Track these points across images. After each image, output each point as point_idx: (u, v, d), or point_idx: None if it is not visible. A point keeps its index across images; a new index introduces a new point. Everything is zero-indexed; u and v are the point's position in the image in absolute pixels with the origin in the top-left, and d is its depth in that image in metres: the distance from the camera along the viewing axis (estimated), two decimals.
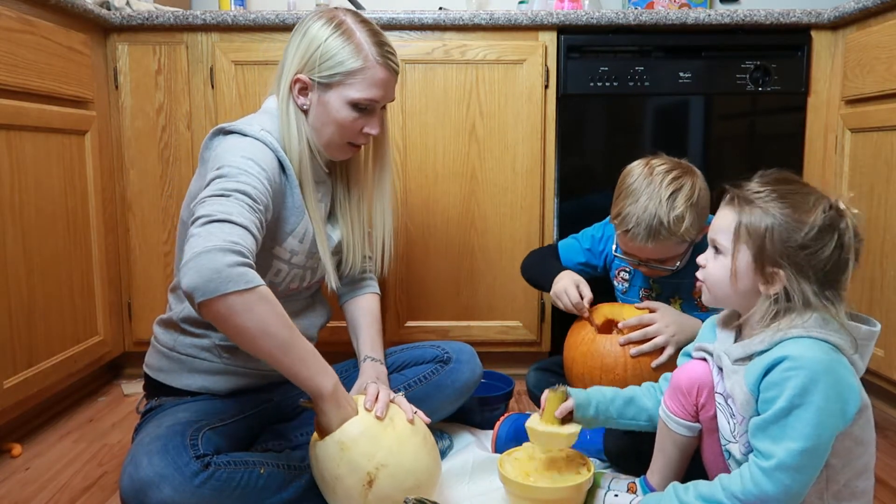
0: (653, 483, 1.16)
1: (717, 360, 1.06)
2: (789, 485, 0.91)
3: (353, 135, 1.26)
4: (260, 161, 1.14)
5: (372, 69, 1.21)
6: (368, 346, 1.37)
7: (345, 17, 1.23)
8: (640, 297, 1.50)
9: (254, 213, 1.07)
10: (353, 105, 1.22)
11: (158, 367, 1.31)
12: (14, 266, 1.47)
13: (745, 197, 1.00)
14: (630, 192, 1.34)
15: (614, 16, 1.83)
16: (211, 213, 1.02)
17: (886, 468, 1.40)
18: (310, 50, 1.21)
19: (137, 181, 1.89)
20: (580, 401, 1.17)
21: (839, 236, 0.94)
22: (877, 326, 0.98)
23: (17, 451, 1.48)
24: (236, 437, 1.22)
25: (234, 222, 1.02)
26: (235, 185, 1.07)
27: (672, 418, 1.11)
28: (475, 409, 1.57)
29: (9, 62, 1.43)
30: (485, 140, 1.88)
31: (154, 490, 1.02)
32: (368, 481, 1.07)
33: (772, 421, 0.92)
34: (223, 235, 0.99)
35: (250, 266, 1.00)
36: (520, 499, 1.16)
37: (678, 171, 1.34)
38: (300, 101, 1.24)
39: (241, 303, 0.97)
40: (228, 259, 0.97)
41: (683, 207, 1.30)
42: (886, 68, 1.59)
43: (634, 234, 1.32)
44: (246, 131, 1.18)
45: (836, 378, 0.91)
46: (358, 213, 1.38)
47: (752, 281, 1.00)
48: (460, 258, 1.92)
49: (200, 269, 0.95)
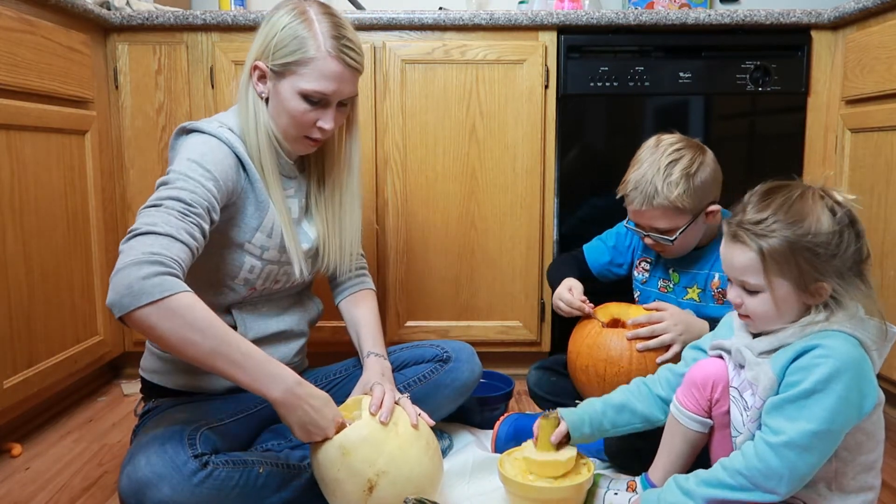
0: (654, 480, 1.15)
1: (737, 354, 1.06)
2: (795, 462, 0.92)
3: (306, 128, 1.23)
4: (207, 162, 1.13)
5: (323, 60, 1.18)
6: (370, 341, 1.36)
7: (310, 7, 1.21)
8: (658, 288, 1.52)
9: (185, 218, 1.06)
10: (304, 96, 1.20)
11: (153, 368, 1.31)
12: (14, 266, 1.47)
13: (752, 231, 0.98)
14: (636, 161, 1.42)
15: (614, 16, 1.83)
16: (137, 226, 1.03)
17: (886, 468, 1.40)
18: (268, 37, 1.20)
19: (137, 181, 1.89)
20: (573, 422, 1.18)
21: (853, 228, 0.97)
22: (895, 329, 0.99)
23: (17, 451, 1.48)
24: (235, 437, 1.22)
25: (156, 233, 1.02)
26: (169, 193, 1.08)
27: (685, 413, 1.11)
28: (475, 409, 1.57)
29: (9, 62, 1.43)
30: (485, 140, 1.88)
31: (153, 490, 1.02)
32: (369, 487, 1.06)
33: (791, 400, 0.93)
34: (142, 248, 0.99)
35: (170, 274, 0.99)
36: (520, 499, 1.16)
37: (682, 144, 1.39)
38: (259, 89, 1.23)
39: (155, 313, 0.96)
40: (143, 271, 0.97)
41: (678, 175, 1.35)
42: (886, 68, 1.59)
43: (632, 197, 1.39)
44: (203, 128, 1.19)
45: (860, 372, 0.93)
46: (332, 208, 1.36)
47: (796, 301, 0.99)
48: (460, 258, 1.92)
49: (116, 286, 0.97)
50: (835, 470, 0.97)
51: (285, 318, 1.34)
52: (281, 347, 1.34)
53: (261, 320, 1.30)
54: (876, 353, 0.97)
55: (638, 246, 1.58)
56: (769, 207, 0.98)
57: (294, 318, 1.36)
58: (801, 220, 0.96)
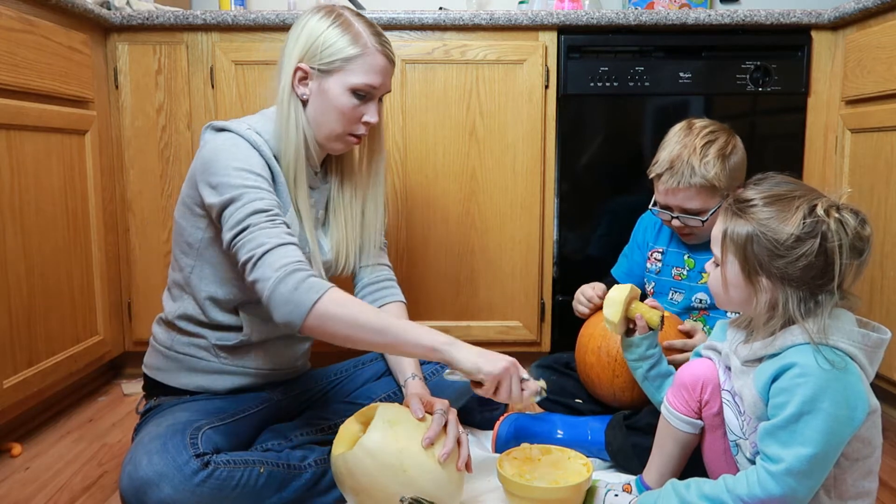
0: (649, 482, 1.16)
1: (726, 359, 1.06)
2: (796, 488, 0.91)
3: (352, 123, 1.27)
4: (253, 165, 1.17)
5: (371, 55, 1.24)
6: (413, 363, 1.34)
7: (343, 11, 1.27)
8: (672, 276, 1.53)
9: (275, 224, 1.12)
10: (353, 91, 1.24)
11: (157, 366, 1.31)
12: (14, 266, 1.47)
13: (734, 207, 1.01)
14: (666, 144, 1.45)
15: (614, 16, 1.83)
16: (250, 254, 1.10)
17: (886, 468, 1.40)
18: (310, 40, 1.23)
19: (137, 181, 1.89)
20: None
21: (821, 242, 0.93)
22: (887, 334, 0.98)
23: (17, 451, 1.48)
24: (236, 437, 1.22)
25: (270, 248, 1.09)
26: (245, 210, 1.12)
27: (675, 415, 1.11)
28: (475, 409, 1.57)
29: (9, 62, 1.43)
30: (485, 140, 1.88)
31: (154, 489, 1.02)
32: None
33: (781, 426, 0.93)
34: (272, 266, 1.08)
35: (311, 276, 1.08)
36: (519, 499, 1.16)
37: (715, 127, 1.44)
38: (300, 91, 1.25)
39: (318, 315, 1.06)
40: (289, 285, 1.06)
41: (714, 155, 1.39)
42: (886, 68, 1.59)
43: (666, 177, 1.41)
44: (233, 128, 1.22)
45: (844, 385, 0.92)
46: (351, 211, 1.37)
47: (744, 290, 1.00)
48: (460, 258, 1.92)
49: (277, 308, 1.07)
50: (834, 477, 0.97)
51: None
52: (286, 351, 1.34)
53: (267, 323, 1.29)
54: (866, 361, 0.96)
55: (651, 239, 1.59)
56: (762, 193, 1.00)
57: None
58: (774, 216, 0.96)
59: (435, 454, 1.09)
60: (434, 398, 1.20)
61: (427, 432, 1.10)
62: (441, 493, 1.08)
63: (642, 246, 1.61)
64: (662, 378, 1.23)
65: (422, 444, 1.08)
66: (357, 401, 1.38)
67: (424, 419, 1.13)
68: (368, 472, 1.07)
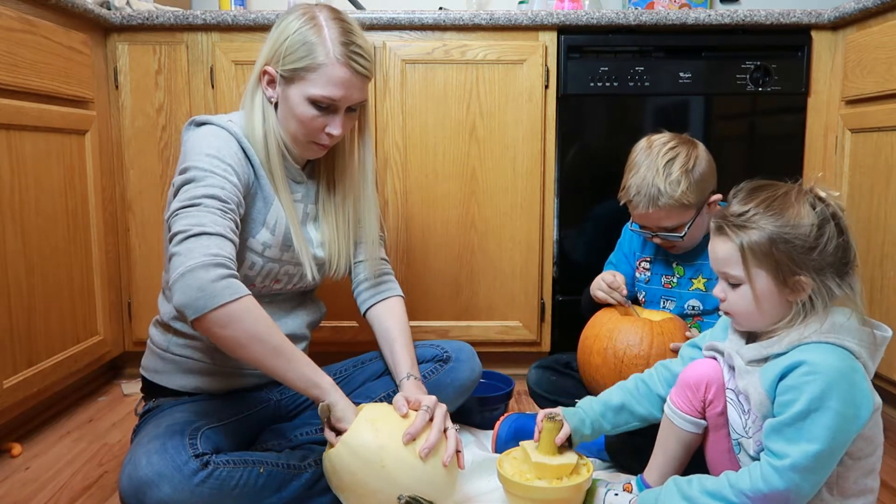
0: (650, 481, 1.16)
1: (729, 359, 1.06)
2: (800, 484, 0.92)
3: (315, 133, 1.24)
4: (225, 156, 1.16)
5: (332, 66, 1.19)
6: (408, 362, 1.32)
7: (320, 13, 1.22)
8: (661, 285, 1.53)
9: (225, 215, 1.10)
10: (312, 102, 1.20)
11: (154, 368, 1.30)
12: (14, 266, 1.47)
13: (733, 223, 1.00)
14: (632, 166, 1.44)
15: (614, 16, 1.83)
16: (187, 227, 1.06)
17: (886, 468, 1.40)
18: (278, 42, 1.21)
19: (137, 181, 1.89)
20: (574, 424, 1.19)
21: (836, 223, 0.96)
22: (888, 332, 0.98)
23: (17, 451, 1.48)
24: (236, 437, 1.22)
25: (209, 233, 1.06)
26: (203, 191, 1.10)
27: (678, 414, 1.11)
28: (475, 409, 1.57)
29: (9, 62, 1.43)
30: (485, 140, 1.88)
31: (153, 489, 1.02)
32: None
33: (788, 423, 0.93)
34: (202, 250, 1.04)
35: (234, 276, 1.05)
36: (519, 499, 1.16)
37: (675, 142, 1.42)
38: (269, 94, 1.24)
39: (226, 315, 1.02)
40: (211, 274, 1.02)
41: (679, 173, 1.38)
42: (886, 68, 1.59)
43: (636, 202, 1.41)
44: (213, 121, 1.22)
45: (852, 384, 0.92)
46: (343, 212, 1.36)
47: (777, 297, 0.99)
48: (460, 258, 1.92)
49: (186, 289, 1.01)
50: (836, 475, 0.97)
51: (287, 321, 1.34)
52: None
53: None
54: (869, 359, 0.96)
55: (637, 248, 1.58)
56: (752, 201, 0.99)
57: (297, 321, 1.36)
58: (782, 213, 0.97)
59: (416, 449, 1.08)
60: (422, 396, 1.18)
61: (408, 428, 1.09)
62: (427, 489, 1.08)
63: (629, 255, 1.61)
64: (625, 424, 1.21)
65: (402, 439, 1.07)
66: (356, 401, 1.36)
67: (408, 416, 1.12)
68: (350, 470, 1.07)
